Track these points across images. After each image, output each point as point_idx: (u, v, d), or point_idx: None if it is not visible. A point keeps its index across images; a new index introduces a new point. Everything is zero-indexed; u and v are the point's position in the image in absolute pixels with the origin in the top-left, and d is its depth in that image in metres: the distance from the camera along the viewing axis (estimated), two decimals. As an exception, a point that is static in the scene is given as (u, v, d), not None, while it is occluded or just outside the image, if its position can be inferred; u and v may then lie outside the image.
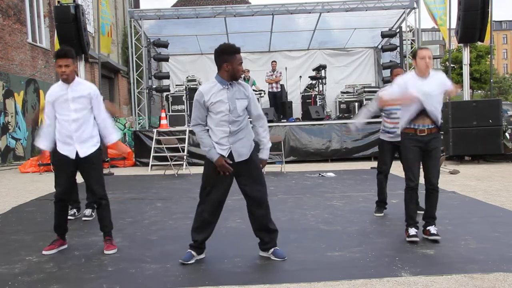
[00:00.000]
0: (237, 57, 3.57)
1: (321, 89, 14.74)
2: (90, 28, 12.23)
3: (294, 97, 15.65)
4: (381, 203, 5.55)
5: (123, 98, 25.42)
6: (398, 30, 14.10)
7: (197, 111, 3.67)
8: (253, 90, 14.07)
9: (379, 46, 15.97)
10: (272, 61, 14.57)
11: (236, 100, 3.60)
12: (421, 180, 4.26)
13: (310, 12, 13.94)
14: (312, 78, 14.81)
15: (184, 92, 13.45)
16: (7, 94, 14.46)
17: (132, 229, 4.98)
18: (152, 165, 11.37)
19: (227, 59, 3.55)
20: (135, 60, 13.88)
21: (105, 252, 4.08)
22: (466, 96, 11.65)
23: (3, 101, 14.25)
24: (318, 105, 13.96)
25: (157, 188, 8.14)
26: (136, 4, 31.36)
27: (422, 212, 4.49)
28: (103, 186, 4.27)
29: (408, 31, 14.59)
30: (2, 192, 8.21)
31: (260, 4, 13.79)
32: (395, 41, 14.24)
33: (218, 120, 3.61)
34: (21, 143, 15.19)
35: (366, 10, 13.66)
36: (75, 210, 5.72)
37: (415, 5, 13.49)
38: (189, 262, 3.69)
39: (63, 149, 4.12)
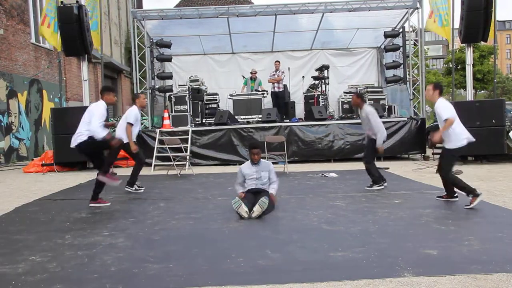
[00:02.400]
0: (252, 151, 5.99)
1: (324, 89, 14.73)
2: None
3: (297, 97, 15.65)
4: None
5: (126, 98, 25.49)
6: (401, 30, 14.06)
7: (238, 177, 6.05)
8: (257, 90, 14.20)
9: (382, 46, 15.96)
10: (276, 61, 14.57)
11: (261, 172, 5.94)
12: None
13: (313, 12, 13.93)
14: (315, 78, 14.81)
15: (187, 92, 13.45)
16: (10, 94, 14.52)
17: (135, 229, 4.99)
18: (155, 165, 11.39)
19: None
20: (138, 60, 13.90)
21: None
22: (469, 96, 11.63)
23: (7, 101, 14.30)
24: (321, 105, 13.95)
25: (160, 188, 8.15)
26: (139, 5, 31.44)
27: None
28: None
29: (411, 31, 14.56)
30: (5, 192, 8.24)
31: (263, 4, 13.79)
32: (398, 41, 14.20)
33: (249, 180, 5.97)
34: (24, 143, 15.24)
35: (369, 10, 13.63)
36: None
37: (418, 5, 13.45)
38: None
39: None
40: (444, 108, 5.78)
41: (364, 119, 7.37)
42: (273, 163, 10.98)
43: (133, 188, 7.81)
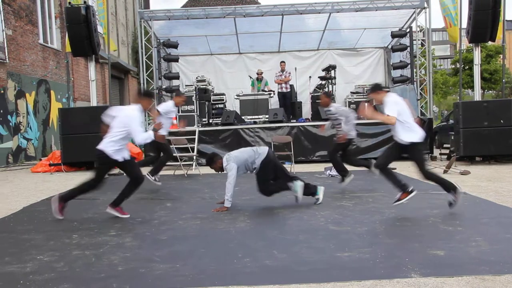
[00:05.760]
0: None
1: (331, 89, 14.70)
2: (100, 28, 12.32)
3: (304, 97, 15.63)
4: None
5: (133, 98, 25.56)
6: (408, 30, 14.00)
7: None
8: (263, 90, 14.21)
9: (389, 46, 15.90)
10: (281, 62, 14.57)
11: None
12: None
13: (319, 12, 13.91)
14: (321, 78, 14.78)
15: (194, 92, 13.48)
16: (18, 94, 14.61)
17: (142, 229, 5.01)
18: (161, 165, 11.40)
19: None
20: (145, 61, 13.95)
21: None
22: (477, 97, 11.55)
23: (15, 101, 14.39)
24: (327, 105, 13.91)
25: (166, 188, 8.17)
26: (146, 5, 31.52)
27: None
28: None
29: (418, 31, 14.48)
30: (13, 192, 8.29)
31: (270, 5, 13.78)
32: (405, 41, 14.15)
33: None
34: (33, 143, 15.33)
35: (376, 10, 13.59)
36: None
37: (425, 5, 13.38)
38: None
39: None
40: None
41: (336, 114, 8.01)
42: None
43: (153, 178, 8.19)
